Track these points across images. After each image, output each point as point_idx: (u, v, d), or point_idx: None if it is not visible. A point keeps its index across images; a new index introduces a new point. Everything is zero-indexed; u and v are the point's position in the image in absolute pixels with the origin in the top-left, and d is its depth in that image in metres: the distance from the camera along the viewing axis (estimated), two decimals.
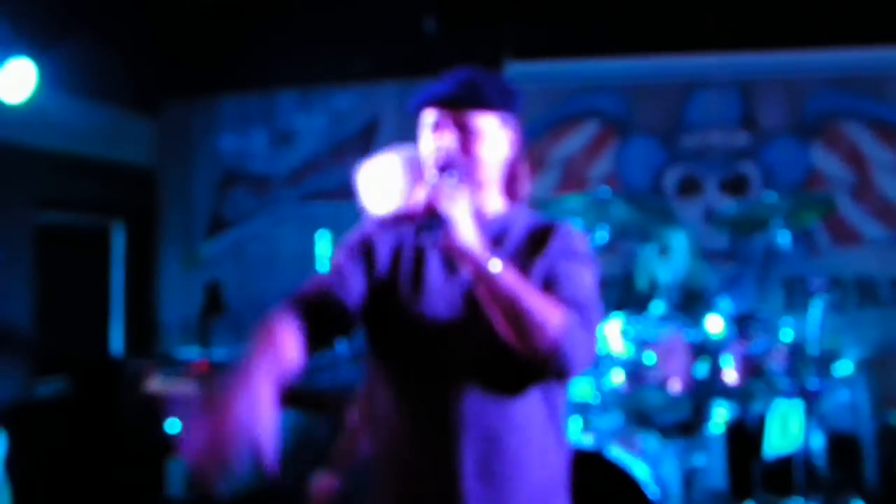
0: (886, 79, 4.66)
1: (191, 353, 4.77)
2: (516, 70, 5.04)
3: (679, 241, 3.98)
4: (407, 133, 6.07)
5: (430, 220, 1.63)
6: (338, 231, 3.86)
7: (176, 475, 4.60)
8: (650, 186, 4.93)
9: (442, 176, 1.71)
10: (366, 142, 5.49)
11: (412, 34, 5.09)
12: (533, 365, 1.68)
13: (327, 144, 5.60)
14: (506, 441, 1.74)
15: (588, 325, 1.71)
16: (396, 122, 5.45)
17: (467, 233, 1.64)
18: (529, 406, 1.76)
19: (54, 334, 5.04)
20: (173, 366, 4.62)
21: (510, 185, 1.88)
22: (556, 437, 1.82)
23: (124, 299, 5.63)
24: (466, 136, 1.78)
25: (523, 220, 1.85)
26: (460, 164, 1.76)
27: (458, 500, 1.73)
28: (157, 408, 4.41)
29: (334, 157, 5.57)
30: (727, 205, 4.77)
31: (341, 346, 3.83)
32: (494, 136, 1.81)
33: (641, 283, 3.80)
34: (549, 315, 1.65)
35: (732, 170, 4.86)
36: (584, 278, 1.78)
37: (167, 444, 4.47)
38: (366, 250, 1.83)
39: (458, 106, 1.79)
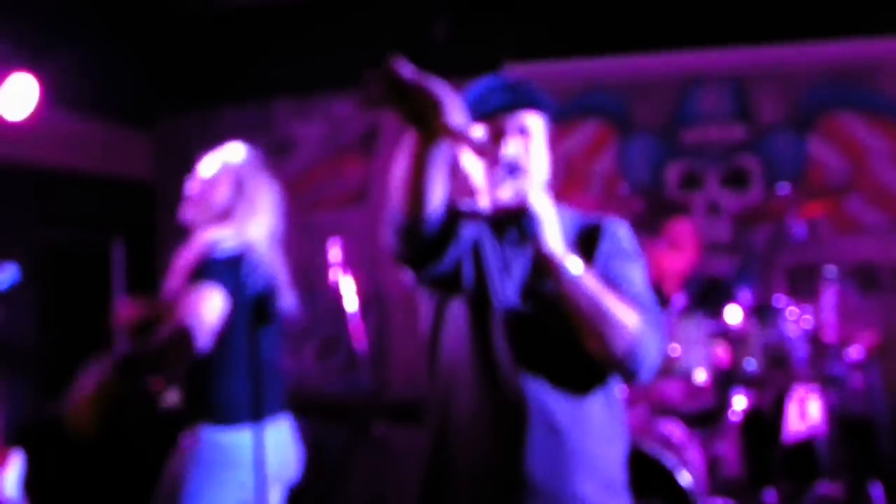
0: (879, 69, 4.74)
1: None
2: (516, 71, 5.09)
3: (687, 234, 4.04)
4: (406, 138, 6.06)
5: (515, 221, 1.64)
6: (343, 239, 3.90)
7: None
8: (652, 182, 4.99)
9: (516, 179, 1.72)
10: (366, 148, 5.51)
11: (409, 39, 5.11)
12: (607, 366, 1.72)
13: (327, 152, 5.61)
14: (570, 436, 1.77)
15: (657, 326, 1.75)
16: (396, 127, 5.46)
17: (554, 236, 1.66)
18: (592, 403, 1.80)
19: (60, 353, 5.00)
20: None
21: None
22: (616, 433, 1.85)
23: None
24: (526, 139, 1.82)
25: (570, 219, 1.87)
26: (526, 168, 1.78)
27: (526, 493, 1.76)
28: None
29: (335, 165, 5.59)
30: (729, 198, 4.86)
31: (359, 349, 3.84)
32: (542, 135, 1.85)
33: (655, 277, 3.85)
34: (626, 317, 1.69)
35: (732, 163, 4.94)
36: (641, 277, 1.82)
37: None
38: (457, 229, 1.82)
39: (514, 110, 1.82)
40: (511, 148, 1.79)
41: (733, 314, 3.54)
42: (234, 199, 2.60)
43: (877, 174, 4.74)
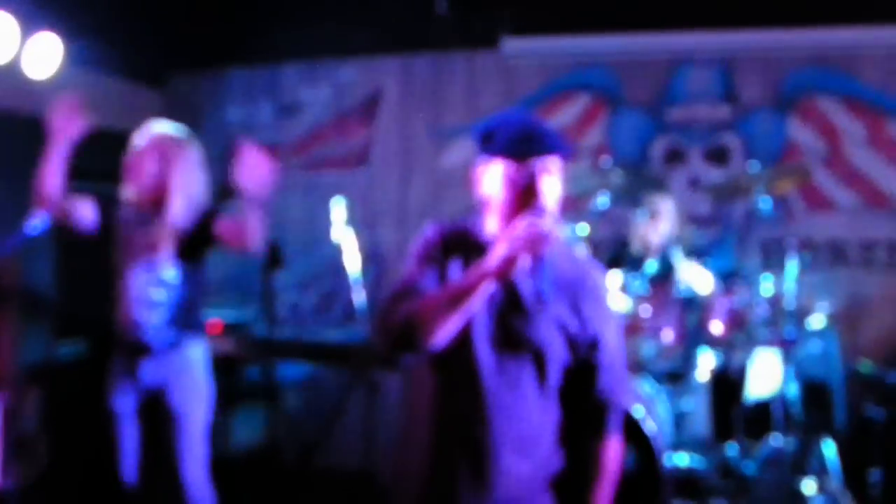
0: (859, 57, 4.99)
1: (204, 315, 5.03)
2: (513, 46, 5.34)
3: (667, 207, 4.31)
4: (407, 104, 6.27)
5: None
6: (345, 198, 4.18)
7: None
8: (638, 157, 5.27)
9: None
10: (369, 113, 5.77)
11: (413, 10, 5.34)
12: None
13: (331, 115, 5.87)
14: (504, 419, 2.03)
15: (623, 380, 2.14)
16: (398, 94, 5.74)
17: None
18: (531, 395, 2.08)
19: (75, 299, 5.27)
20: None
21: None
22: (545, 415, 2.10)
23: None
24: (550, 179, 2.05)
25: (563, 254, 2.13)
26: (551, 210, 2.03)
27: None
28: None
29: (338, 128, 5.85)
30: (710, 174, 5.14)
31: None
32: (560, 175, 2.07)
33: (635, 244, 4.13)
34: None
35: (715, 141, 5.21)
36: (616, 335, 2.14)
37: None
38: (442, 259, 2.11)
39: (545, 154, 2.03)
40: (546, 192, 2.03)
41: (704, 281, 3.83)
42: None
43: (850, 156, 5.01)
